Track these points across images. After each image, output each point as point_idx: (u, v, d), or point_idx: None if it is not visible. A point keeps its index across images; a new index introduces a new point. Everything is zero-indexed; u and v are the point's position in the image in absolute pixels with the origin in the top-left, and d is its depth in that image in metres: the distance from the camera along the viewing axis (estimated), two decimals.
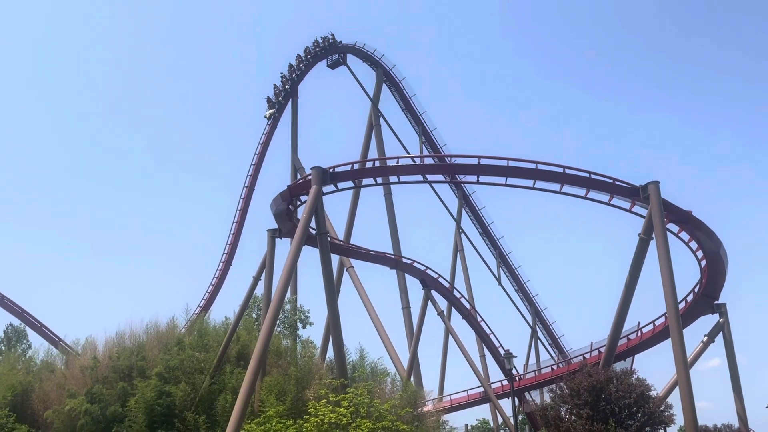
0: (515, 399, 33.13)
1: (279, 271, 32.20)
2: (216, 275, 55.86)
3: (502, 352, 42.77)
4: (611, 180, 31.90)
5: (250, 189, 56.29)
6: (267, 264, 35.55)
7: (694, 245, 34.21)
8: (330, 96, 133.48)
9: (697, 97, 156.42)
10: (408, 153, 53.99)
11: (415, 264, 44.77)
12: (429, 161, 43.55)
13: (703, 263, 35.33)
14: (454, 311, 50.35)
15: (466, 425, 59.71)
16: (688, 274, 37.76)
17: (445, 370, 56.98)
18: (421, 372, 46.78)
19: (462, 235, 61.15)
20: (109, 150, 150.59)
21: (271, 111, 56.98)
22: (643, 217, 31.85)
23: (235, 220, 56.17)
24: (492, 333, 50.08)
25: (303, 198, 33.94)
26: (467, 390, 48.75)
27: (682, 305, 35.20)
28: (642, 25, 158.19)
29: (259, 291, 37.39)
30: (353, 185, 36.75)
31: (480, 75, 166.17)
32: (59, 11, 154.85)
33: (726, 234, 34.91)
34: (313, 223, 32.06)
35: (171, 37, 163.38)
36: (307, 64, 58.56)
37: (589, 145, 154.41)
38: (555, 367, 45.97)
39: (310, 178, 32.40)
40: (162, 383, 32.03)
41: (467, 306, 50.74)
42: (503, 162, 32.37)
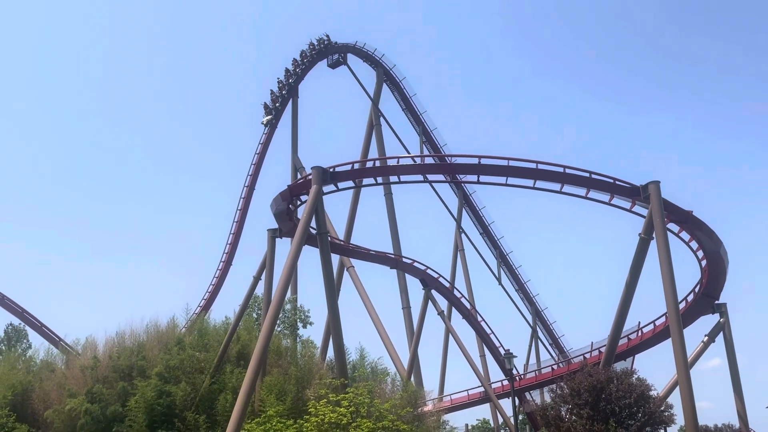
0: (515, 399, 33.10)
1: (279, 271, 32.23)
2: (216, 275, 55.92)
3: (502, 351, 42.73)
4: (612, 180, 31.87)
5: (250, 189, 56.30)
6: (267, 264, 35.55)
7: (694, 245, 34.19)
8: (330, 96, 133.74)
9: (698, 97, 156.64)
10: (408, 153, 54.01)
11: (416, 264, 44.74)
12: (429, 161, 43.55)
13: (704, 263, 35.31)
14: (454, 311, 50.33)
15: (466, 425, 59.76)
16: (688, 273, 37.83)
17: (446, 369, 57.12)
18: (422, 372, 46.86)
19: (462, 235, 61.14)
20: (110, 150, 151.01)
21: (268, 118, 56.51)
22: (644, 217, 31.83)
23: (236, 219, 56.22)
24: (492, 333, 50.11)
25: (303, 198, 33.91)
26: (467, 390, 48.74)
27: (682, 305, 35.18)
28: (642, 25, 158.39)
29: (260, 291, 37.45)
30: (353, 185, 36.71)
31: (480, 75, 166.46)
32: (59, 11, 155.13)
33: (726, 234, 34.92)
34: (314, 223, 32.05)
35: (171, 37, 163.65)
36: (308, 63, 58.39)
37: (590, 145, 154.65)
38: (555, 367, 45.93)
39: (310, 177, 32.38)
40: (162, 383, 32.06)
41: (467, 306, 50.72)
42: (504, 162, 32.36)
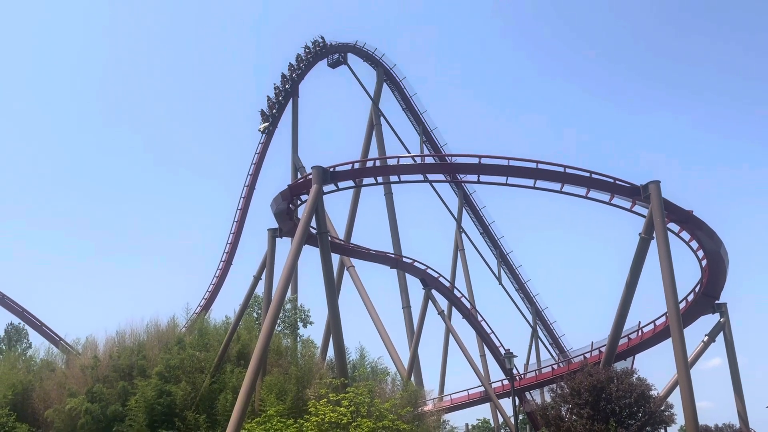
0: (516, 398, 33.12)
1: (279, 271, 32.22)
2: (216, 274, 55.94)
3: (502, 351, 42.72)
4: (612, 179, 31.86)
5: (250, 188, 56.29)
6: (267, 263, 35.55)
7: (694, 245, 34.19)
8: (331, 95, 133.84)
9: (698, 97, 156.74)
10: (408, 152, 54.06)
11: (416, 263, 44.74)
12: (430, 161, 43.61)
13: (704, 263, 35.30)
14: (454, 311, 50.36)
15: (466, 425, 59.74)
16: (688, 273, 37.84)
17: (446, 369, 57.16)
18: (422, 371, 46.91)
19: (462, 235, 61.15)
20: (110, 150, 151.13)
21: (265, 125, 56.15)
22: (644, 217, 31.82)
23: (236, 219, 56.22)
24: (492, 332, 50.15)
25: (303, 197, 33.90)
26: (468, 389, 48.81)
27: (682, 305, 35.17)
28: (642, 25, 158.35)
29: (260, 290, 37.44)
30: (354, 184, 36.69)
31: (480, 74, 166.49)
32: (59, 11, 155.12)
33: (726, 234, 34.88)
34: (314, 223, 32.04)
35: (171, 37, 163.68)
36: (308, 63, 58.32)
37: (590, 145, 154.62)
38: (555, 367, 45.94)
39: (310, 177, 32.38)
40: (162, 382, 32.06)
41: (468, 305, 50.73)
42: (504, 161, 32.35)
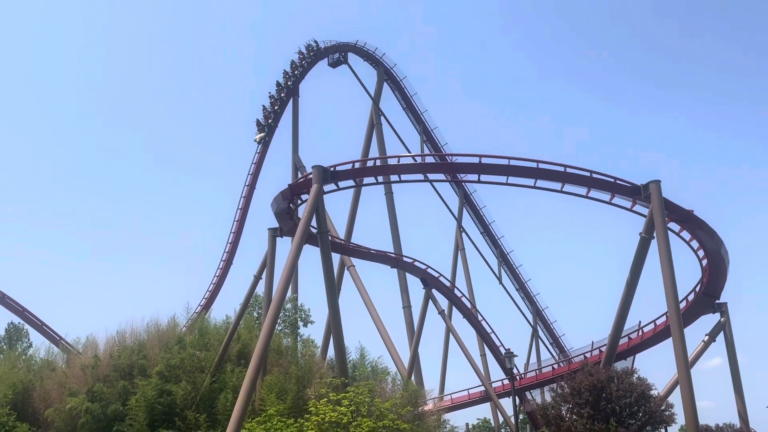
0: (516, 398, 33.13)
1: (280, 270, 32.24)
2: (217, 274, 55.89)
3: (502, 351, 42.72)
4: (612, 179, 31.84)
5: (250, 188, 56.21)
6: (268, 263, 35.55)
7: (695, 244, 34.17)
8: (331, 95, 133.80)
9: (699, 97, 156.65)
10: (409, 152, 54.04)
11: (416, 263, 44.74)
12: (430, 160, 43.62)
13: (704, 262, 35.28)
14: (454, 310, 50.36)
15: (466, 424, 59.82)
16: (689, 273, 37.80)
17: (446, 369, 57.14)
18: (422, 371, 46.90)
19: (463, 234, 61.12)
20: (110, 150, 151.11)
21: (261, 135, 55.67)
22: (644, 217, 31.80)
23: (236, 218, 56.16)
24: (493, 332, 50.18)
25: (304, 197, 33.90)
26: (468, 389, 48.85)
27: (683, 304, 35.15)
28: (643, 25, 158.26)
29: (260, 290, 37.46)
30: (354, 184, 36.68)
31: (480, 74, 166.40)
32: (59, 11, 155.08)
33: (727, 233, 34.74)
34: (314, 222, 32.03)
35: (171, 37, 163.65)
36: (308, 63, 58.23)
37: (590, 145, 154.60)
38: (556, 367, 45.93)
39: (311, 176, 32.37)
40: (163, 382, 32.08)
41: (468, 305, 50.74)
42: (504, 161, 32.34)
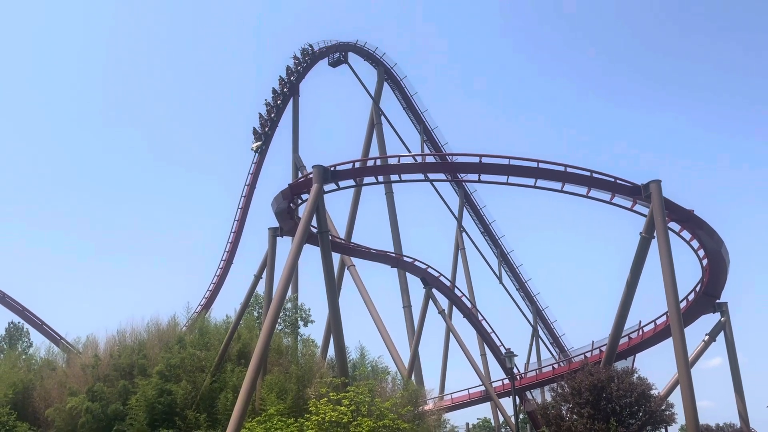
0: (516, 398, 33.14)
1: (280, 270, 32.27)
2: (217, 273, 55.93)
3: (503, 350, 42.75)
4: (613, 179, 31.83)
5: (251, 187, 56.22)
6: (268, 262, 35.55)
7: (695, 244, 34.16)
8: (331, 94, 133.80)
9: (699, 96, 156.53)
10: (409, 151, 54.06)
11: (416, 263, 44.73)
12: (430, 160, 43.58)
13: (705, 262, 35.27)
14: (455, 310, 50.35)
15: (467, 424, 59.85)
16: (689, 273, 37.79)
17: (446, 368, 57.12)
18: (422, 371, 46.86)
19: (463, 234, 61.10)
20: (110, 149, 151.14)
21: (258, 144, 55.42)
22: (645, 216, 31.81)
23: (237, 218, 56.19)
24: (493, 332, 50.18)
25: (304, 196, 33.91)
26: (468, 389, 48.78)
27: (683, 304, 35.15)
28: (643, 24, 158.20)
29: (260, 289, 37.47)
30: (354, 184, 36.68)
31: (481, 74, 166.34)
32: (59, 11, 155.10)
33: (727, 233, 34.77)
34: (314, 222, 32.03)
35: (171, 36, 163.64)
36: (308, 62, 58.25)
37: (590, 144, 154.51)
38: (556, 366, 45.91)
39: (311, 176, 32.36)
40: (163, 381, 32.09)
41: (468, 305, 50.72)
42: (504, 161, 32.34)
